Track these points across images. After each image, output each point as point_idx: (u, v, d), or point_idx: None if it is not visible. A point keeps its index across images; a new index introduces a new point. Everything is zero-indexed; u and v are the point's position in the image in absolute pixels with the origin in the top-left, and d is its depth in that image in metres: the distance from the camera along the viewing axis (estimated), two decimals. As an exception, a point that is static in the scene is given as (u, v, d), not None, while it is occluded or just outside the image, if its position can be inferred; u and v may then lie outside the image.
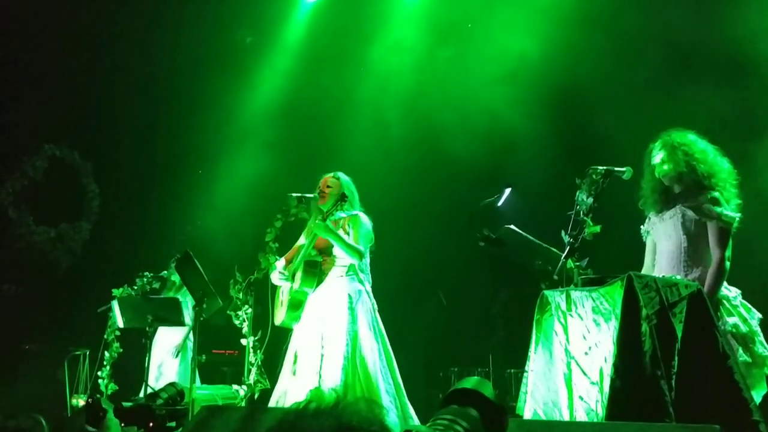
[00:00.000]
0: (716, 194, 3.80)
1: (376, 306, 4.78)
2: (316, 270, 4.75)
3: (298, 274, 4.78)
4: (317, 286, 4.77)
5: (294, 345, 4.77)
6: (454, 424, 1.46)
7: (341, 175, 4.99)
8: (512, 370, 7.48)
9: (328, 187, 4.88)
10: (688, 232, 3.84)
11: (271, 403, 4.66)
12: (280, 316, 4.91)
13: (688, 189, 3.91)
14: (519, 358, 6.90)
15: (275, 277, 4.88)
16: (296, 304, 4.79)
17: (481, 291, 7.78)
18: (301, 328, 4.78)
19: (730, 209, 3.79)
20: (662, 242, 3.98)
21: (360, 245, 4.76)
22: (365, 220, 4.87)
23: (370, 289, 4.80)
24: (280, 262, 4.88)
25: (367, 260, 4.86)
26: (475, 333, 7.85)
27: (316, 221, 4.69)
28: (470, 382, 1.59)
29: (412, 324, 7.56)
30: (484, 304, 7.95)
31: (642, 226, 4.14)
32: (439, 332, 7.94)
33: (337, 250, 4.76)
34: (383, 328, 4.75)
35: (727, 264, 3.74)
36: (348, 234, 4.79)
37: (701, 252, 3.81)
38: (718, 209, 3.76)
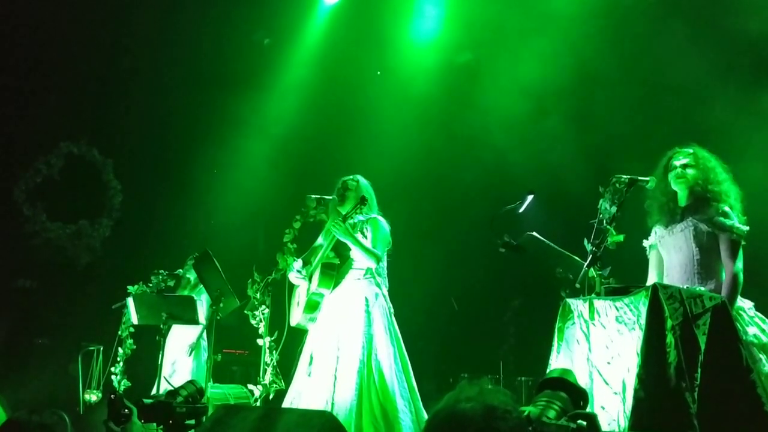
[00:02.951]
0: (726, 207, 3.84)
1: (392, 310, 4.77)
2: (333, 272, 4.75)
3: (316, 276, 4.77)
4: (334, 287, 4.77)
5: (309, 346, 4.76)
6: (551, 403, 1.80)
7: (360, 178, 4.98)
8: (523, 378, 7.45)
9: (347, 189, 4.87)
10: (700, 244, 3.86)
11: (286, 404, 4.64)
12: (295, 317, 4.90)
13: (698, 202, 3.93)
14: (530, 366, 6.89)
15: (293, 276, 4.88)
16: (313, 305, 4.79)
17: (493, 298, 7.75)
18: (317, 329, 4.78)
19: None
20: (672, 255, 3.98)
21: (377, 249, 4.75)
22: (384, 224, 4.86)
23: (386, 293, 4.79)
24: (298, 263, 4.88)
25: (384, 264, 4.85)
26: (487, 340, 7.81)
27: (336, 223, 4.69)
28: (556, 372, 2.02)
29: (424, 329, 7.54)
30: (495, 311, 7.92)
31: (645, 241, 4.13)
32: (450, 338, 7.91)
33: (355, 253, 4.75)
34: (399, 331, 4.74)
35: (741, 276, 3.76)
36: (366, 237, 4.78)
37: (713, 264, 3.83)
38: (729, 222, 3.80)
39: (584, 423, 1.67)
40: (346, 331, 4.60)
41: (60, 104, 7.68)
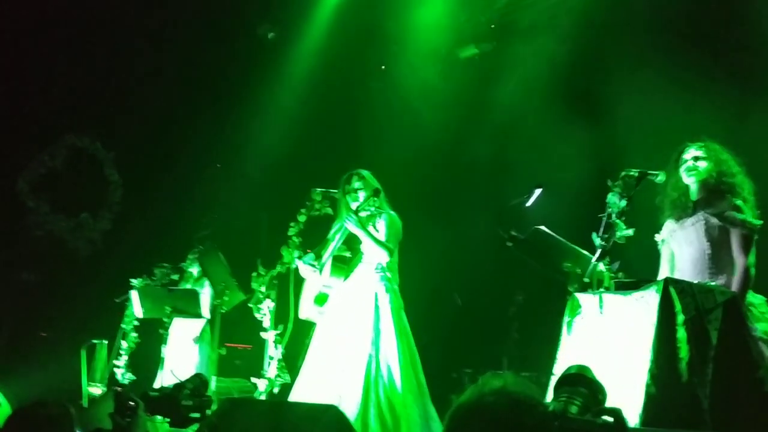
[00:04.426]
0: (739, 201, 3.81)
1: (402, 304, 4.75)
2: (344, 265, 4.76)
3: (327, 268, 4.77)
4: (345, 280, 4.77)
5: (317, 340, 4.74)
6: (572, 399, 1.82)
7: (365, 172, 4.97)
8: (527, 374, 7.42)
9: (356, 183, 4.86)
10: (711, 238, 3.83)
11: (292, 398, 4.63)
12: (304, 310, 4.89)
13: (710, 195, 3.91)
14: (533, 362, 6.86)
15: (304, 269, 4.84)
16: (322, 298, 4.79)
17: (497, 293, 7.72)
18: (325, 322, 4.76)
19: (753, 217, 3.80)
20: (683, 249, 3.95)
21: (390, 243, 4.74)
22: (396, 219, 4.85)
23: (397, 288, 4.78)
24: (309, 256, 4.86)
25: (395, 258, 4.83)
26: (490, 335, 7.79)
27: (348, 215, 4.68)
28: (574, 368, 2.01)
29: (427, 324, 7.50)
30: (499, 307, 7.89)
31: (657, 235, 4.10)
32: (454, 333, 7.88)
33: (366, 246, 4.74)
34: (408, 326, 4.72)
35: (752, 270, 3.73)
36: (377, 231, 4.77)
37: (725, 259, 3.81)
38: (741, 216, 3.77)
39: (611, 419, 1.64)
40: (354, 325, 4.60)
41: (64, 97, 7.66)
